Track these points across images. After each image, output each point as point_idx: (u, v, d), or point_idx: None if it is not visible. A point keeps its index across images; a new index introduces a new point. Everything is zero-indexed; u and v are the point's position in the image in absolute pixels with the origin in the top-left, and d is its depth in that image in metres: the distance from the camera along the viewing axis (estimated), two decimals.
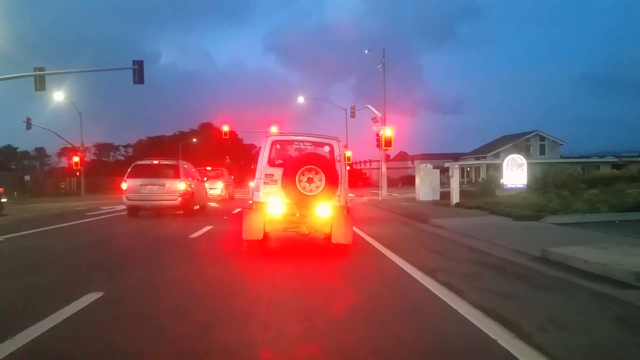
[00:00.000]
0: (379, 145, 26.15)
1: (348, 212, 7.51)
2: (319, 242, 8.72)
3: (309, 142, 7.94)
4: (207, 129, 74.32)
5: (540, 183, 21.33)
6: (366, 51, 32.27)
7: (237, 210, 17.74)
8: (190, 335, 3.71)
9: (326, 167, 7.04)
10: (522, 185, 20.37)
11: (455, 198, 18.21)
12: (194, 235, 10.12)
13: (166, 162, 15.85)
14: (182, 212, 15.30)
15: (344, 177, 7.40)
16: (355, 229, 11.54)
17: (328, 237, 7.59)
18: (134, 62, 24.98)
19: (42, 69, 24.98)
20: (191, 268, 6.62)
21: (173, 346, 3.53)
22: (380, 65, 29.74)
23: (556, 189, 19.74)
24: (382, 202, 23.45)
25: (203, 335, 3.71)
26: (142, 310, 4.52)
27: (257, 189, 7.50)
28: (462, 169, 51.30)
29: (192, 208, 15.72)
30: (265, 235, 7.67)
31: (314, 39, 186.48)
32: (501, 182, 21.06)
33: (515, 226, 11.80)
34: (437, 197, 22.01)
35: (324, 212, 7.24)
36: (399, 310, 4.63)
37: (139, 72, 24.68)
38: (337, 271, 6.75)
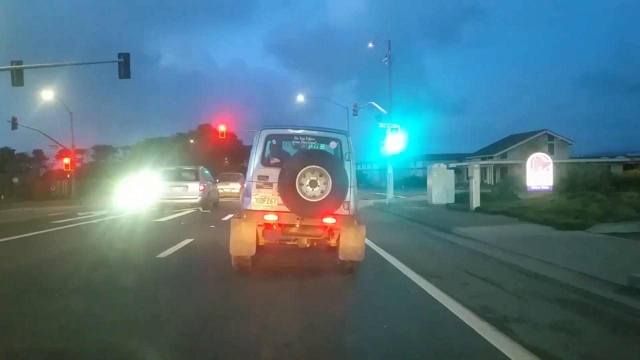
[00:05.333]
0: (386, 147, 24.06)
1: (359, 222, 6.24)
2: (323, 259, 7.16)
3: (312, 136, 6.67)
4: (206, 131, 72.45)
5: (567, 184, 19.26)
6: (370, 44, 30.17)
7: (229, 217, 15.69)
8: None
9: (333, 167, 5.77)
10: (547, 187, 18.38)
11: (475, 202, 16.10)
12: (163, 255, 7.80)
13: (188, 168, 19.22)
14: (200, 208, 17.75)
15: (354, 179, 6.20)
16: (367, 241, 9.54)
17: (333, 250, 6.61)
18: (120, 54, 22.99)
19: (19, 62, 23.04)
20: (135, 317, 4.47)
21: None
22: (385, 59, 27.61)
23: (587, 191, 17.65)
24: (390, 206, 21.31)
25: None
26: None
27: (248, 193, 6.16)
28: (467, 170, 49.13)
29: (209, 205, 18.22)
30: (259, 249, 6.43)
31: (315, 40, 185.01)
32: (525, 183, 19.05)
33: (561, 238, 9.70)
34: (452, 200, 19.88)
35: (330, 222, 6.02)
36: None
37: (124, 66, 22.74)
38: (352, 313, 4.73)
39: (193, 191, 17.40)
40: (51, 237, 11.05)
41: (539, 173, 18.21)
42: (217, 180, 24.45)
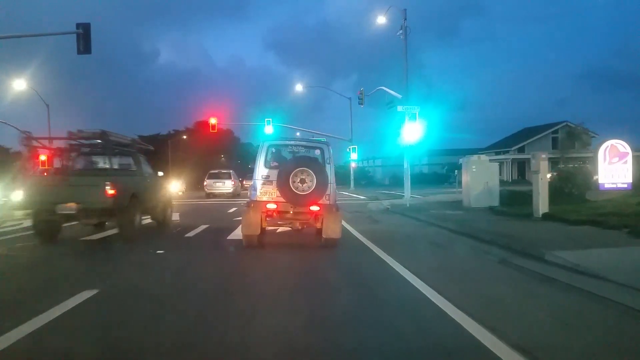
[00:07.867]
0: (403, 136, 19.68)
1: (337, 210, 8.31)
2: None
3: (302, 146, 8.96)
4: (202, 127, 68.45)
5: None
6: (381, 18, 25.68)
7: (200, 228, 11.39)
8: None
9: (317, 169, 7.96)
10: (624, 185, 13.90)
11: (542, 206, 11.66)
12: None
13: (224, 171, 30.68)
14: (232, 196, 27.25)
15: (333, 178, 8.34)
16: (423, 287, 4.84)
17: (320, 233, 8.39)
18: (78, 24, 18.94)
19: None
20: None
21: None
22: (400, 32, 23.11)
23: None
24: (413, 210, 16.76)
25: None
26: None
27: (254, 188, 8.33)
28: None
29: (236, 195, 28.25)
30: (263, 231, 8.42)
31: (315, 36, 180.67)
32: (593, 180, 14.60)
33: None
34: (496, 203, 15.47)
35: (316, 209, 8.11)
36: None
37: (84, 39, 18.76)
38: None
39: (228, 185, 28.73)
40: None
41: (615, 167, 13.74)
42: (241, 179, 34.04)
